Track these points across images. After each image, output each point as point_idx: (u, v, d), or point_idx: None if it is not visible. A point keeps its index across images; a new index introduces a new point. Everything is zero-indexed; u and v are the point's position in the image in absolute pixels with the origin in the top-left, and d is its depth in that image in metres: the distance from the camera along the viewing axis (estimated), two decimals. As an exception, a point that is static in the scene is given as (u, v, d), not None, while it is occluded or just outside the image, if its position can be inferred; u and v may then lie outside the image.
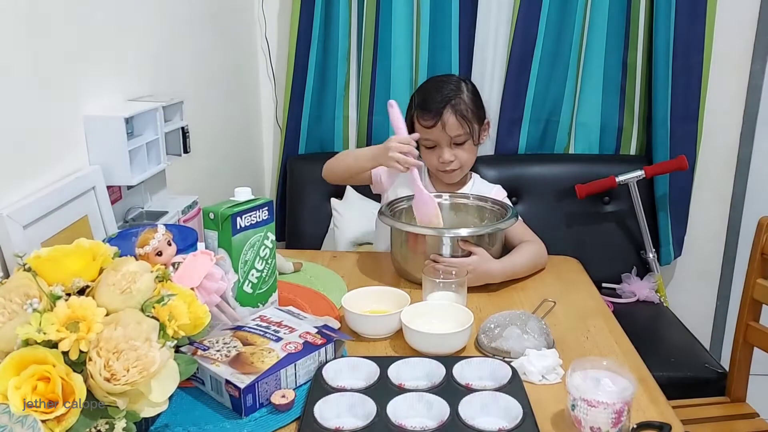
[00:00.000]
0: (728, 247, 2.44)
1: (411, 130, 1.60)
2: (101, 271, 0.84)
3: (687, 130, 2.18)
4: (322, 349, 1.01)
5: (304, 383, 0.99)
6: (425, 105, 1.56)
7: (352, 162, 1.58)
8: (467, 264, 1.32)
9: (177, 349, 0.84)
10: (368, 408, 0.90)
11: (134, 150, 1.27)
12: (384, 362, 1.00)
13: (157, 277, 0.85)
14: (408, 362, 1.01)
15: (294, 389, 0.96)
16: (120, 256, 0.88)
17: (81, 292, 0.81)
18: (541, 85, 2.24)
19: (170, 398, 0.79)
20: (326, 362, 1.01)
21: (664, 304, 2.21)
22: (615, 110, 2.28)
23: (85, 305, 0.75)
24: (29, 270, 0.80)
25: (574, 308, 1.29)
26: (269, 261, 1.16)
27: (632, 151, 2.33)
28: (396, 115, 1.45)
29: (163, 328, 0.80)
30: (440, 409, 0.90)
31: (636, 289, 2.19)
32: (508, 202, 1.61)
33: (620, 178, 2.13)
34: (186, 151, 1.50)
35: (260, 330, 1.04)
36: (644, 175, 2.13)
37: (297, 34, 2.21)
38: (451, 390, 0.94)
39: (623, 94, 2.27)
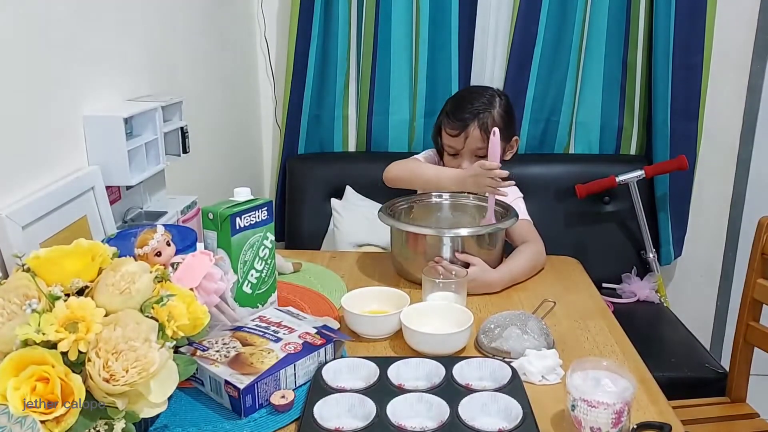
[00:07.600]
0: (728, 247, 2.43)
1: (438, 135, 1.66)
2: (100, 271, 0.84)
3: (687, 130, 2.18)
4: (322, 350, 1.01)
5: (304, 384, 0.99)
6: (453, 114, 1.60)
7: (433, 182, 1.56)
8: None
9: (176, 349, 0.84)
10: (368, 408, 0.90)
11: (133, 150, 1.26)
12: (384, 363, 1.00)
13: (156, 277, 0.85)
14: (408, 363, 1.01)
15: (293, 390, 0.96)
16: (119, 257, 0.88)
17: (80, 292, 0.81)
18: (541, 85, 2.24)
19: (169, 399, 0.79)
20: (326, 363, 1.01)
21: (665, 304, 2.20)
22: (615, 110, 2.28)
23: (84, 306, 0.75)
24: (28, 270, 0.80)
25: (574, 308, 1.29)
26: (268, 261, 1.16)
27: (632, 151, 2.33)
28: (496, 143, 1.43)
29: (162, 328, 0.80)
30: (440, 409, 0.90)
31: (636, 289, 2.19)
32: (521, 200, 1.65)
33: (620, 178, 2.13)
34: (185, 151, 1.49)
35: (259, 330, 1.04)
36: (644, 175, 2.13)
37: (296, 34, 2.21)
38: (450, 390, 0.94)
39: (623, 93, 2.27)
